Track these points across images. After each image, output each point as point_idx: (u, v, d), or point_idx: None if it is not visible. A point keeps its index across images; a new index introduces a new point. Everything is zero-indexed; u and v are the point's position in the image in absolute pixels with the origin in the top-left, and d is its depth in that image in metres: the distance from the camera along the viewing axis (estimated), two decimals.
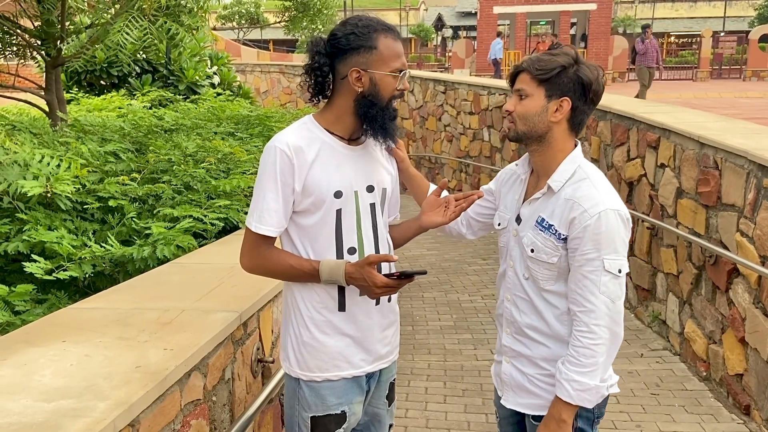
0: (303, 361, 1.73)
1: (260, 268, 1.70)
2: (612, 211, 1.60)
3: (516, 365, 1.82)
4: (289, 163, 1.60)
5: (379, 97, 1.62)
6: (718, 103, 14.89)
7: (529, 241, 1.71)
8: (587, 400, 1.63)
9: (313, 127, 1.68)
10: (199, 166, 3.81)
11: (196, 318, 2.04)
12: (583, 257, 1.60)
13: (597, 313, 1.59)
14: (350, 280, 1.60)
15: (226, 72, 9.82)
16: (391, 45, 1.62)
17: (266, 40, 38.01)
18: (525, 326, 1.77)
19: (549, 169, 1.71)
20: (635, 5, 46.07)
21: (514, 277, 1.80)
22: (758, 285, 3.32)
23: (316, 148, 1.64)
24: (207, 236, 3.34)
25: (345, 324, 1.71)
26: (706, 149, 3.94)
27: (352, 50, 1.61)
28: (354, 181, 1.68)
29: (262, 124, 5.75)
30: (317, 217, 1.65)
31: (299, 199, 1.63)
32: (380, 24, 1.63)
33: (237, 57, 20.95)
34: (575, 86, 1.64)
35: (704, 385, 3.93)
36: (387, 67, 1.61)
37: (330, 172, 1.64)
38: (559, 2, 23.34)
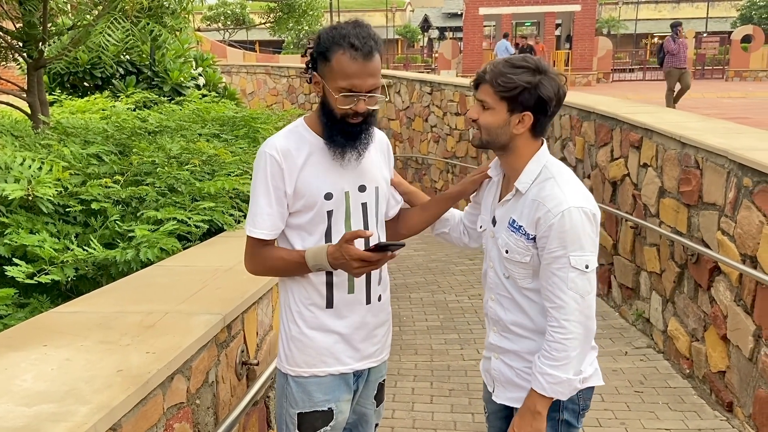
0: (291, 357, 1.76)
1: (261, 269, 1.76)
2: (576, 209, 1.63)
3: (504, 360, 1.86)
4: (279, 167, 1.65)
5: (329, 108, 1.65)
6: (701, 103, 15.02)
7: (504, 243, 1.76)
8: (560, 392, 1.68)
9: (303, 131, 1.71)
10: (183, 168, 3.79)
11: (179, 321, 2.03)
12: (550, 255, 1.65)
13: (567, 309, 1.63)
14: (332, 261, 1.62)
15: (211, 73, 9.77)
16: (346, 64, 1.58)
17: (252, 41, 37.88)
18: (510, 323, 1.81)
19: (516, 172, 1.76)
20: (619, 6, 46.46)
21: (495, 277, 1.85)
22: (739, 283, 3.36)
23: (306, 152, 1.68)
24: (191, 239, 3.32)
25: (333, 321, 1.74)
26: (688, 149, 3.99)
27: (317, 55, 1.64)
28: (344, 182, 1.71)
29: (247, 125, 5.73)
30: (308, 217, 1.70)
31: (292, 201, 1.68)
32: (350, 38, 1.57)
33: (223, 58, 20.85)
34: (536, 103, 1.67)
35: (687, 382, 3.97)
36: (334, 84, 1.60)
37: (320, 175, 1.68)
38: (543, 3, 23.47)
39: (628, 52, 35.67)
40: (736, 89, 19.53)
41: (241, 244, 3.12)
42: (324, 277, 1.73)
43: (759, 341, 3.15)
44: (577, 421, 1.80)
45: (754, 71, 24.04)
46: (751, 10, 35.64)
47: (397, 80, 11.57)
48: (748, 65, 24.17)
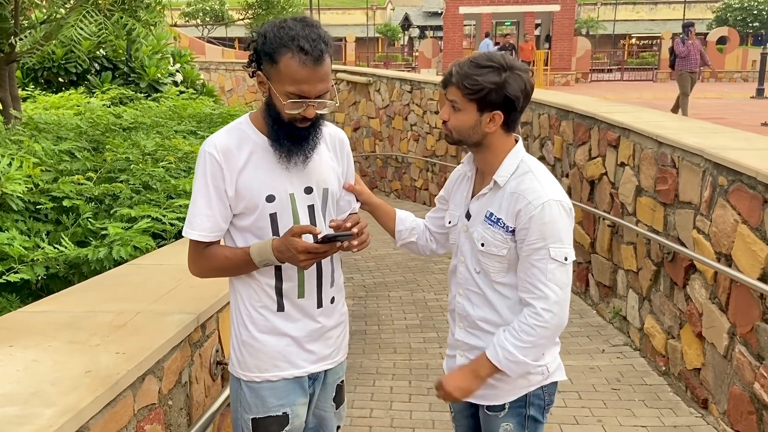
0: (243, 361, 1.71)
1: (206, 270, 1.69)
2: (555, 202, 1.65)
3: (470, 358, 1.84)
4: (219, 166, 1.58)
5: (276, 111, 1.57)
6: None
7: (480, 236, 1.76)
8: (512, 370, 1.70)
9: (246, 128, 1.64)
10: (158, 165, 3.73)
11: (151, 320, 1.98)
12: (530, 247, 1.66)
13: (548, 300, 1.65)
14: (278, 254, 1.56)
15: (189, 70, 9.67)
16: (293, 68, 1.48)
17: (231, 38, 37.56)
18: (478, 319, 1.81)
19: (492, 167, 1.76)
20: (598, 7, 46.95)
21: (465, 272, 1.84)
22: (714, 281, 3.40)
23: (248, 151, 1.60)
24: (166, 237, 3.27)
25: (284, 324, 1.69)
26: (664, 148, 4.02)
27: (262, 53, 1.53)
28: (289, 183, 1.63)
29: (225, 122, 5.67)
30: (250, 220, 1.63)
31: (233, 203, 1.61)
32: (297, 42, 1.48)
33: (201, 55, 20.64)
34: (504, 101, 1.68)
35: (663, 379, 4.01)
36: (281, 87, 1.51)
37: (262, 175, 1.61)
38: (523, 3, 23.62)
39: (607, 53, 36.05)
40: (711, 90, 19.84)
41: None
42: (273, 281, 1.66)
43: (733, 339, 3.18)
44: (543, 417, 1.83)
45: (729, 72, 24.47)
46: (726, 12, 36.22)
47: (377, 78, 11.55)
48: (724, 66, 24.59)
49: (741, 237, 3.08)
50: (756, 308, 2.94)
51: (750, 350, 3.01)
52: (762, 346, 2.88)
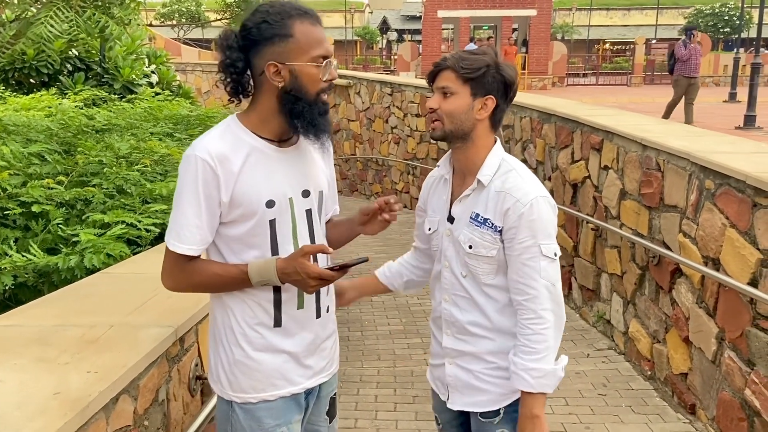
0: (236, 382, 1.58)
1: (185, 285, 1.55)
2: (542, 198, 1.65)
3: (460, 365, 1.80)
4: (213, 173, 1.45)
5: (304, 91, 1.47)
6: (653, 107, 15.38)
7: (466, 238, 1.72)
8: (547, 385, 1.65)
9: (237, 130, 1.52)
10: (133, 169, 3.60)
11: (125, 335, 1.87)
12: (520, 245, 1.64)
13: (541, 299, 1.63)
14: (283, 276, 1.46)
15: (165, 71, 9.46)
16: (310, 31, 1.45)
17: (208, 39, 37.17)
18: (467, 323, 1.76)
19: (474, 165, 1.73)
20: (572, 12, 47.50)
21: (451, 277, 1.79)
22: (701, 285, 3.37)
23: (244, 154, 1.49)
24: (141, 243, 3.14)
25: (282, 340, 1.58)
26: (649, 151, 4.00)
27: (266, 41, 1.45)
28: (288, 187, 1.54)
29: (202, 124, 5.54)
30: (246, 227, 1.51)
31: (226, 210, 1.49)
32: (295, 9, 1.46)
33: (177, 56, 20.36)
34: (499, 85, 1.69)
35: (649, 384, 3.98)
36: (306, 56, 1.45)
37: (260, 180, 1.50)
38: (501, 8, 23.75)
39: (582, 57, 36.45)
40: None
41: None
42: (271, 294, 1.55)
43: (722, 344, 3.15)
44: None
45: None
46: (697, 18, 36.90)
47: (357, 81, 11.46)
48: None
49: (730, 241, 3.05)
50: (746, 313, 2.91)
51: (740, 356, 2.97)
52: (753, 352, 2.85)
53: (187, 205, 1.47)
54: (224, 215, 1.50)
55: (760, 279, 2.82)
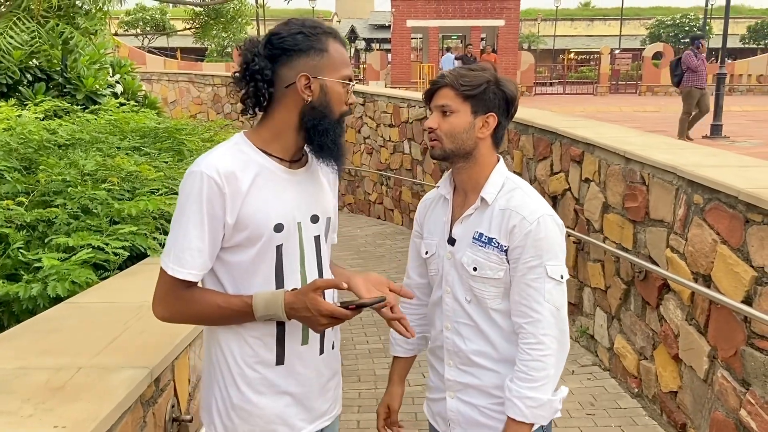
0: (232, 428, 1.45)
1: (180, 316, 1.42)
2: (548, 217, 1.59)
3: (464, 399, 1.70)
4: (219, 192, 1.34)
5: (330, 109, 1.41)
6: (620, 116, 15.60)
7: (470, 260, 1.62)
8: (542, 416, 1.56)
9: (246, 148, 1.42)
10: (99, 187, 3.38)
11: (96, 379, 1.69)
12: (525, 266, 1.57)
13: (544, 323, 1.55)
14: (291, 311, 1.35)
15: (130, 81, 9.18)
16: (340, 50, 1.42)
17: (173, 48, 36.62)
18: (472, 353, 1.66)
19: (477, 184, 1.65)
20: (538, 22, 48.24)
21: (453, 303, 1.69)
22: (691, 302, 3.31)
23: (252, 173, 1.39)
24: (109, 268, 2.94)
25: (284, 380, 1.45)
26: (633, 164, 3.94)
27: (301, 52, 1.38)
28: (297, 211, 1.44)
29: (172, 137, 5.32)
30: (251, 253, 1.39)
31: (230, 233, 1.38)
32: (328, 27, 1.43)
33: (142, 65, 19.95)
34: (500, 102, 1.62)
35: (637, 402, 3.91)
36: (337, 74, 1.41)
37: (269, 201, 1.39)
38: (469, 17, 23.93)
39: (548, 67, 36.94)
40: (649, 103, 20.50)
41: None
42: (273, 328, 1.43)
43: (714, 362, 3.09)
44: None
45: (665, 86, 25.34)
46: (659, 29, 37.78)
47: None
48: (659, 81, 25.50)
49: (722, 258, 2.99)
50: (740, 332, 2.85)
51: (734, 375, 2.91)
52: (748, 372, 2.79)
53: (190, 225, 1.35)
54: (227, 239, 1.39)
55: (754, 297, 2.76)
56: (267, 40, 1.40)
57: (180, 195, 1.38)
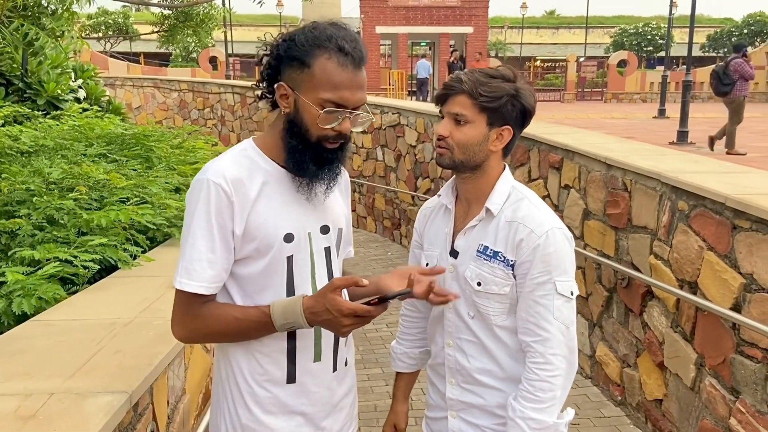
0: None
1: (200, 335, 1.36)
2: (558, 230, 1.51)
3: (466, 418, 1.62)
4: (228, 200, 1.28)
5: (304, 129, 1.30)
6: (588, 123, 15.82)
7: (474, 274, 1.54)
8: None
9: (254, 155, 1.35)
10: (66, 196, 3.21)
11: (69, 406, 1.55)
12: (533, 282, 1.49)
13: (553, 342, 1.48)
14: (311, 316, 1.26)
15: (93, 86, 8.89)
16: (332, 71, 1.26)
17: (136, 52, 35.94)
18: (476, 372, 1.58)
19: (482, 194, 1.57)
20: (504, 30, 48.83)
21: (455, 319, 1.60)
22: (676, 309, 3.29)
23: (260, 182, 1.32)
24: (78, 282, 2.77)
25: (295, 399, 1.37)
26: (614, 171, 3.93)
27: (287, 60, 1.30)
28: (306, 221, 1.37)
29: (140, 143, 5.13)
30: (261, 265, 1.33)
31: (239, 245, 1.32)
32: (335, 41, 1.27)
33: (104, 70, 19.48)
34: (518, 114, 1.53)
35: (621, 410, 3.88)
36: (314, 95, 1.27)
37: (277, 210, 1.33)
38: (438, 24, 24.05)
39: None
40: (615, 110, 20.87)
41: (141, 285, 2.63)
42: (284, 343, 1.35)
43: (701, 370, 3.07)
44: None
45: (630, 93, 25.91)
46: (622, 37, 38.58)
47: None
48: (624, 88, 26.02)
49: (709, 265, 2.97)
50: (729, 339, 2.83)
51: (722, 383, 2.89)
52: (738, 380, 2.77)
53: (198, 235, 1.28)
54: (237, 251, 1.32)
55: (743, 304, 2.74)
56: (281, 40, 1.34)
57: (187, 205, 1.31)
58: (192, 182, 1.32)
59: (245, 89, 13.56)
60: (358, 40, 1.30)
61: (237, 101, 14.09)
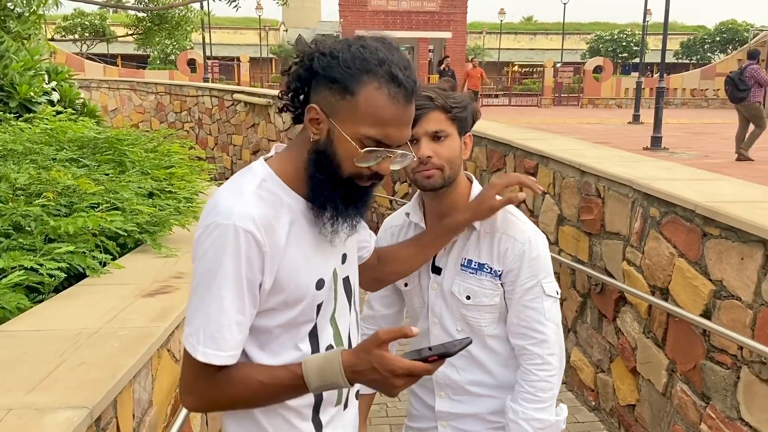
0: None
1: (218, 404, 1.15)
2: (537, 234, 1.56)
3: (458, 426, 1.64)
4: (259, 251, 1.07)
5: (335, 163, 1.10)
6: (564, 128, 15.96)
7: (462, 289, 1.55)
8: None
9: (275, 187, 1.13)
10: (33, 202, 3.14)
11: (28, 422, 1.50)
12: (522, 288, 1.53)
13: (549, 342, 1.52)
14: (354, 375, 1.08)
15: (67, 88, 8.74)
16: (381, 104, 1.06)
17: (113, 54, 35.50)
18: (467, 384, 1.60)
19: (455, 208, 1.55)
20: (483, 36, 49.18)
21: (442, 334, 1.61)
22: (648, 315, 3.32)
23: (287, 221, 1.12)
24: (43, 290, 2.71)
25: None
26: (588, 177, 3.96)
27: (324, 80, 1.08)
28: (332, 255, 1.20)
29: (113, 147, 5.04)
30: (285, 317, 1.15)
31: (264, 298, 1.12)
32: (389, 68, 1.06)
33: (80, 72, 19.21)
34: (471, 120, 1.56)
35: (594, 415, 3.90)
36: (353, 128, 1.07)
37: (307, 254, 1.14)
38: (417, 29, 24.14)
39: (493, 79, 37.64)
40: (591, 115, 21.09)
41: (109, 294, 2.58)
42: (312, 398, 1.20)
43: (673, 376, 3.10)
44: None
45: (605, 99, 26.22)
46: (598, 43, 39.06)
47: (277, 100, 11.13)
48: (600, 93, 26.33)
49: (680, 271, 3.00)
50: (699, 345, 2.86)
51: (693, 389, 2.92)
52: (708, 386, 2.79)
53: (226, 295, 1.06)
54: (261, 303, 1.13)
55: (713, 311, 2.77)
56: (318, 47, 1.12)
57: (204, 255, 1.08)
58: (206, 225, 1.09)
59: (223, 92, 13.46)
60: (411, 65, 1.11)
61: (215, 104, 13.98)
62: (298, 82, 1.13)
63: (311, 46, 1.11)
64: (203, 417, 2.89)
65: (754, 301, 2.53)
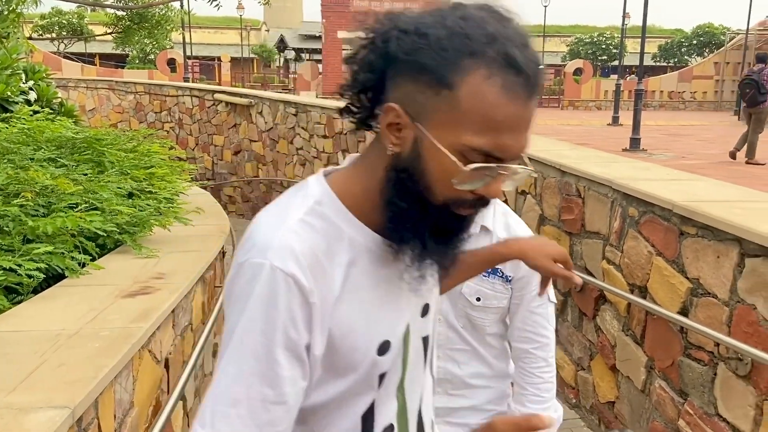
0: None
1: None
2: None
3: (453, 421, 1.66)
4: (303, 301, 0.76)
5: (425, 184, 0.77)
6: (546, 130, 16.09)
7: (473, 291, 1.59)
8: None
9: (333, 213, 0.81)
10: (11, 202, 3.10)
11: (9, 422, 1.49)
12: (531, 294, 1.56)
13: (551, 346, 1.58)
14: None
15: (44, 87, 8.62)
16: (493, 99, 0.72)
17: (91, 53, 35.07)
18: (468, 377, 1.65)
19: None
20: None
21: (447, 330, 1.64)
22: (627, 313, 3.36)
23: (344, 261, 0.80)
24: (22, 291, 2.67)
25: None
26: (568, 177, 4.00)
27: (406, 66, 0.75)
28: (406, 307, 0.88)
29: (91, 147, 4.99)
30: (335, 390, 0.83)
31: (315, 364, 0.81)
32: (500, 47, 0.72)
33: (57, 71, 18.94)
34: None
35: (575, 412, 3.95)
36: (455, 136, 0.74)
37: (370, 309, 0.82)
38: None
39: None
40: (572, 117, 21.31)
41: (88, 295, 2.56)
42: None
43: (651, 373, 3.14)
44: None
45: (585, 101, 26.51)
46: (578, 46, 39.45)
47: (259, 100, 11.08)
48: (580, 95, 26.61)
49: (658, 270, 3.05)
50: (677, 343, 2.91)
51: (671, 386, 2.97)
52: (686, 383, 2.84)
53: (246, 358, 0.76)
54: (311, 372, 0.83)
55: (690, 308, 2.83)
56: (395, 22, 0.78)
57: (235, 304, 0.78)
58: (239, 264, 0.79)
59: (204, 92, 13.36)
60: (531, 43, 0.76)
61: (195, 104, 13.87)
62: (368, 71, 0.79)
63: (385, 21, 0.79)
64: (185, 419, 2.87)
65: (729, 298, 2.58)
